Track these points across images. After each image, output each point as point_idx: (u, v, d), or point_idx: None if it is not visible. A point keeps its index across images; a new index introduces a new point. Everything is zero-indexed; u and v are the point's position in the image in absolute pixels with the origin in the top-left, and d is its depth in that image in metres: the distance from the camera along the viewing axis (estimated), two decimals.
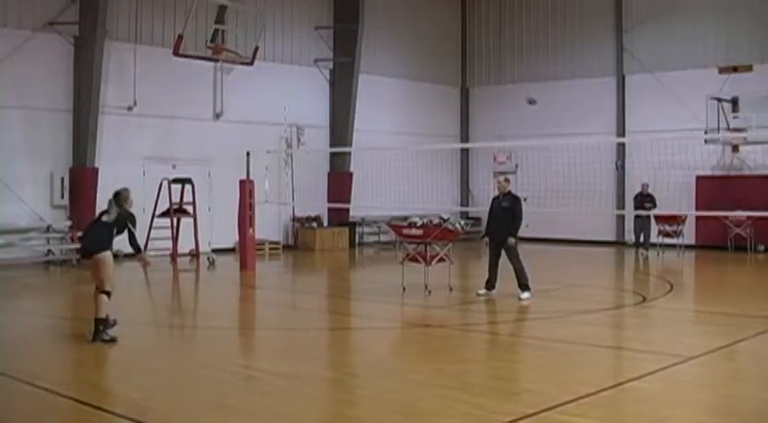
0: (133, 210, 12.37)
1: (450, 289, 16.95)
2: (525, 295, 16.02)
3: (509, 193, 16.73)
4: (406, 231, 17.16)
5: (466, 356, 11.51)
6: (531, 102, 31.01)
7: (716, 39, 28.63)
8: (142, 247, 12.70)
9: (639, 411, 8.38)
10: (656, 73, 29.67)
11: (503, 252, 16.41)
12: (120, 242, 12.36)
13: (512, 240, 16.19)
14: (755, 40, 27.82)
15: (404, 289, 16.89)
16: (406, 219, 18.10)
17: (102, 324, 11.67)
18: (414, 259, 16.95)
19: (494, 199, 16.92)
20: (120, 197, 12.29)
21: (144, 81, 24.55)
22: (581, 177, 26.73)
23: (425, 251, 16.70)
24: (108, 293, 11.85)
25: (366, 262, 26.49)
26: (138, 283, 20.73)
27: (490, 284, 16.55)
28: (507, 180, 17.06)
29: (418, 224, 16.90)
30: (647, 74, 30.01)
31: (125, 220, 12.11)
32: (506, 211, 16.35)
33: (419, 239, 16.81)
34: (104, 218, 12.14)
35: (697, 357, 10.76)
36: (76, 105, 23.51)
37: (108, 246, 12.00)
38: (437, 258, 16.81)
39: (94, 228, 12.30)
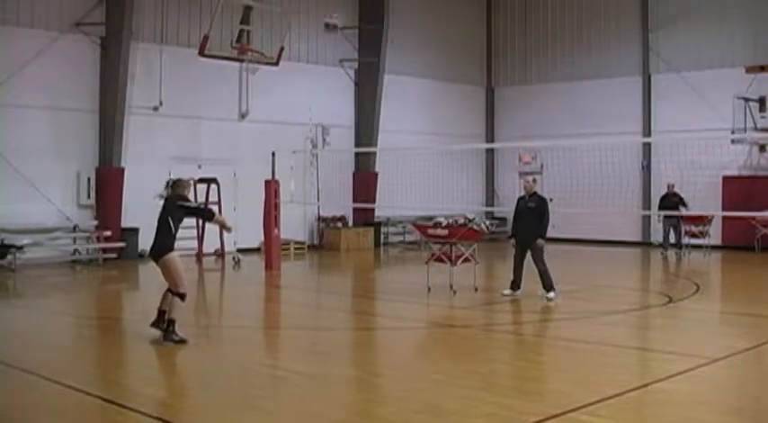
0: (159, 210, 12.16)
1: (476, 289, 16.94)
2: (551, 294, 15.94)
3: (535, 193, 16.64)
4: (431, 231, 17.18)
5: (491, 357, 11.49)
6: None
7: (743, 38, 28.44)
8: (215, 211, 12.59)
9: (665, 413, 8.34)
10: (683, 72, 29.51)
11: (528, 253, 16.34)
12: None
13: (540, 242, 16.12)
14: None
15: (429, 289, 16.88)
16: (431, 219, 18.09)
17: (172, 325, 11.60)
18: (439, 259, 16.95)
19: (520, 199, 16.85)
20: (177, 184, 12.16)
21: (170, 81, 24.67)
22: (607, 178, 26.54)
23: (450, 251, 16.68)
24: (181, 296, 11.77)
25: (391, 262, 26.49)
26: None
27: (515, 285, 16.52)
28: (534, 180, 16.97)
29: (443, 224, 16.91)
30: (673, 73, 29.84)
31: (174, 203, 11.83)
32: (533, 212, 16.28)
33: (444, 239, 16.81)
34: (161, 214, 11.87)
35: (723, 359, 10.70)
36: (103, 106, 23.64)
37: (168, 245, 11.78)
38: (462, 259, 16.79)
39: (157, 229, 11.96)
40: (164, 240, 11.76)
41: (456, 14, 33.94)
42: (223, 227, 12.82)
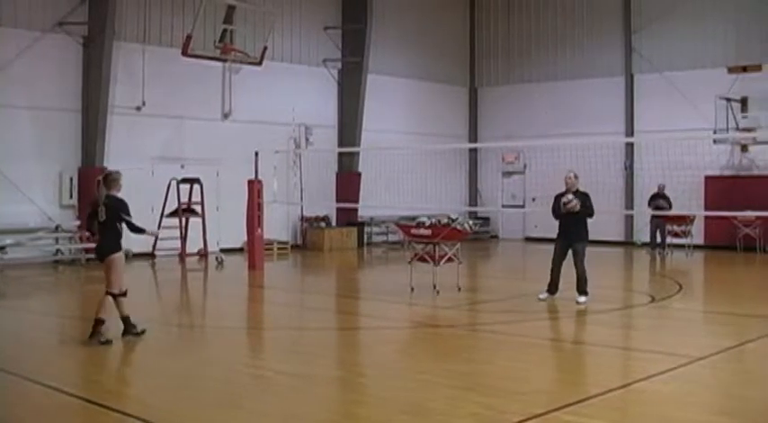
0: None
1: (459, 289, 16.96)
2: (583, 299, 15.47)
3: (577, 190, 15.96)
4: (414, 231, 17.17)
5: (475, 357, 11.50)
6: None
7: (725, 38, 28.56)
8: (144, 228, 12.13)
9: (648, 412, 8.37)
10: (665, 73, 29.62)
11: (569, 253, 15.89)
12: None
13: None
14: (765, 40, 27.72)
15: (412, 289, 16.88)
16: (414, 219, 18.06)
17: (100, 325, 11.56)
18: (422, 259, 16.95)
19: (558, 196, 16.13)
20: (108, 180, 11.85)
21: (152, 81, 24.59)
22: (590, 177, 26.48)
23: (434, 251, 16.69)
24: (113, 295, 11.72)
25: (374, 262, 26.49)
26: (146, 282, 20.78)
27: (553, 287, 15.97)
28: (576, 176, 16.17)
29: (426, 224, 16.88)
30: (655, 73, 29.96)
31: (116, 211, 11.64)
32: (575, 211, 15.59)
33: (427, 239, 16.81)
34: (100, 216, 11.67)
35: (706, 358, 10.74)
36: (85, 105, 23.57)
37: (112, 247, 11.72)
38: (445, 258, 16.80)
39: (100, 229, 11.79)
40: (107, 242, 11.71)
41: (439, 15, 33.96)
42: (152, 234, 13.09)
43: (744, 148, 27.93)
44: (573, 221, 15.91)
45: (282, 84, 28.00)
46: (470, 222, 18.03)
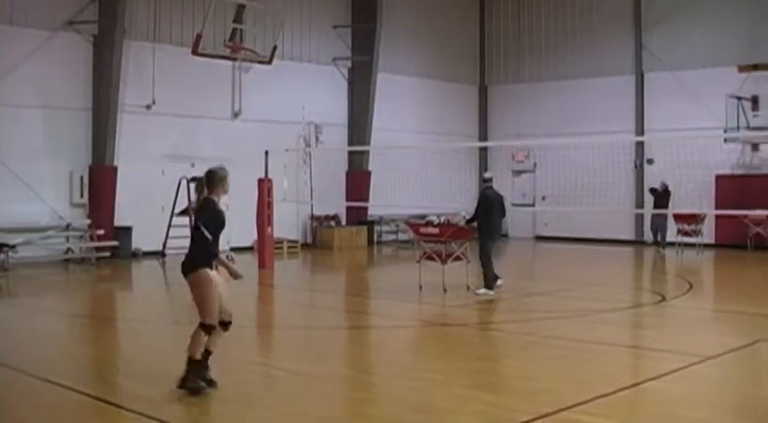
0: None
1: (468, 288, 16.92)
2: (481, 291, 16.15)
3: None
4: (422, 230, 17.30)
5: (483, 355, 11.50)
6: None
7: (736, 37, 28.45)
8: (219, 253, 9.42)
9: (657, 411, 8.35)
10: (676, 71, 29.52)
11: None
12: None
13: None
14: None
15: (420, 287, 16.89)
16: (424, 217, 18.12)
17: (194, 367, 8.90)
18: (430, 258, 16.98)
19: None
20: (210, 178, 9.68)
21: (162, 80, 24.61)
22: (600, 176, 26.62)
23: (442, 250, 16.70)
24: (208, 328, 9.08)
25: (384, 261, 26.50)
26: (156, 281, 20.83)
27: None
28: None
29: (435, 223, 16.95)
30: (666, 72, 29.86)
31: (197, 217, 9.38)
32: None
33: (435, 238, 16.85)
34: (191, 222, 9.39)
35: (716, 357, 10.71)
36: (95, 104, 23.60)
37: (199, 261, 9.03)
38: (453, 257, 16.81)
39: (190, 239, 9.37)
40: (192, 255, 9.13)
41: (449, 13, 33.94)
42: (229, 271, 9.60)
43: (755, 146, 27.86)
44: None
45: (292, 83, 28.00)
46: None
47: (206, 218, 9.16)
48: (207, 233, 9.00)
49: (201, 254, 9.06)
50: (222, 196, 9.56)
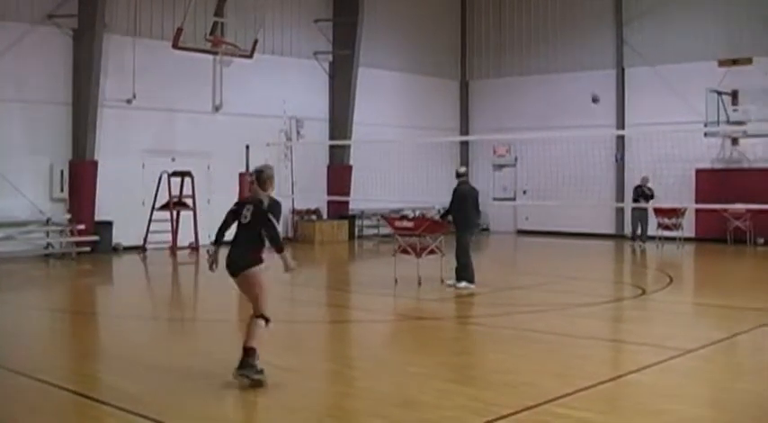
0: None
1: (442, 281, 16.90)
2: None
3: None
4: (398, 224, 17.47)
5: (464, 349, 11.53)
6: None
7: (716, 31, 28.56)
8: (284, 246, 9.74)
9: (638, 404, 8.39)
10: (656, 66, 29.62)
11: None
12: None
13: None
14: (755, 33, 27.72)
15: (396, 281, 16.90)
16: (400, 211, 18.24)
17: (250, 356, 9.12)
18: (405, 251, 17.05)
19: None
20: (263, 176, 9.65)
21: (143, 74, 24.50)
22: (581, 170, 26.73)
23: (417, 243, 16.75)
24: (266, 319, 9.37)
25: (365, 255, 26.51)
26: (138, 276, 20.77)
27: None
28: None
29: (410, 217, 17.07)
30: (646, 67, 29.96)
31: (265, 214, 9.42)
32: None
33: (410, 232, 16.92)
34: (243, 218, 9.56)
35: (696, 350, 10.76)
36: (76, 98, 23.48)
37: (253, 259, 9.44)
38: (428, 250, 16.85)
39: (237, 235, 9.66)
40: (245, 253, 9.49)
41: (431, 8, 33.95)
42: (287, 267, 9.88)
43: (734, 141, 27.98)
44: None
45: (273, 77, 27.94)
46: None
47: (277, 215, 9.57)
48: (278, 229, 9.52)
49: (260, 250, 9.60)
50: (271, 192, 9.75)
